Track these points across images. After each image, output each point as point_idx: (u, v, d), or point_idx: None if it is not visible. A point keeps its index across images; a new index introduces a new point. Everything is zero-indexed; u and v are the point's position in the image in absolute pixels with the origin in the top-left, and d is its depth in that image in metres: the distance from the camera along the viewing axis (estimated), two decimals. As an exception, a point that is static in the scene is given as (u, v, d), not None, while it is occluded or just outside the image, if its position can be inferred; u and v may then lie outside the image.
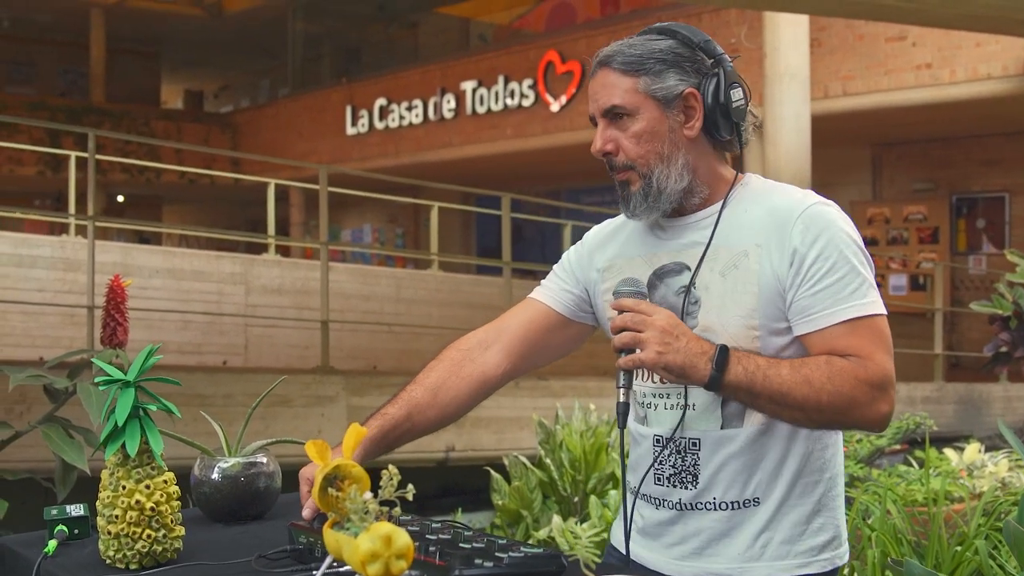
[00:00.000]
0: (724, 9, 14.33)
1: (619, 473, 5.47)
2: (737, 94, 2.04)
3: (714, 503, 2.06)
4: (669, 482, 2.10)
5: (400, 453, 2.12)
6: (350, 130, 20.32)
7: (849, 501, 4.76)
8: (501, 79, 17.49)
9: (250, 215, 25.27)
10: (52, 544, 2.04)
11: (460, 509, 6.65)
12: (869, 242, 16.44)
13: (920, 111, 13.76)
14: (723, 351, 1.93)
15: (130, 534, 1.91)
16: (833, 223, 2.00)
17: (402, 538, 1.41)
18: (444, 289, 12.97)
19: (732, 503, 2.05)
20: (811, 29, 12.86)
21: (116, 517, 1.91)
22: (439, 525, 1.90)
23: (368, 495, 1.52)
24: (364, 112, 20.03)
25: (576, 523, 5.34)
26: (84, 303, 7.55)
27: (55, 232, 14.14)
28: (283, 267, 11.97)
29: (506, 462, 6.09)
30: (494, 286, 11.86)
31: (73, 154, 12.54)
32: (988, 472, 5.51)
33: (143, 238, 21.46)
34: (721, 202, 2.08)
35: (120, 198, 25.24)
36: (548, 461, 5.82)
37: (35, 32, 25.27)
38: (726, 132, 2.06)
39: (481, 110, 17.77)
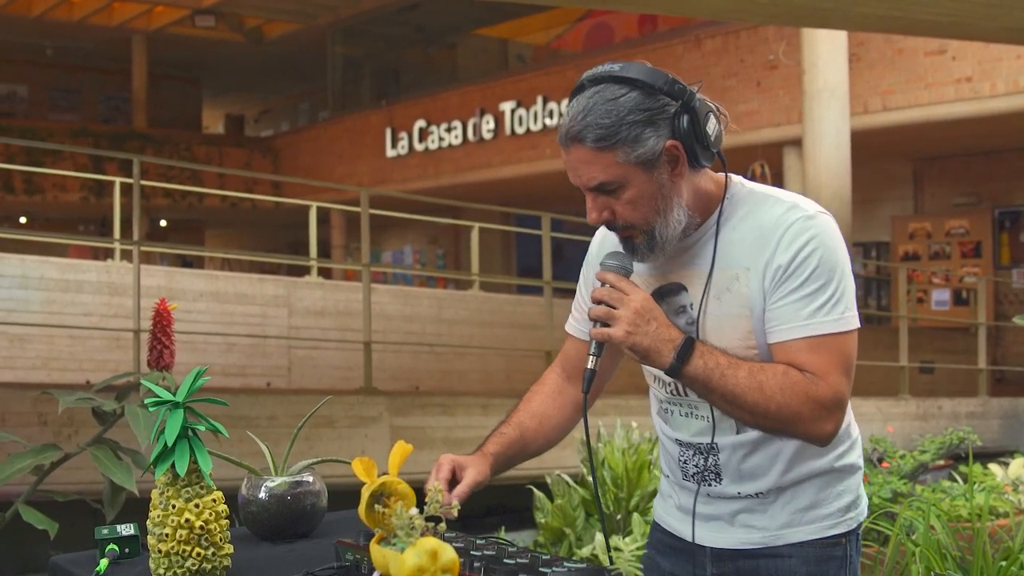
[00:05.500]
0: (762, 26, 14.32)
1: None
2: (712, 124, 2.01)
3: (739, 495, 2.16)
4: (694, 479, 2.21)
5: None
6: (390, 152, 20.43)
7: (892, 516, 4.73)
8: (540, 99, 17.53)
9: (292, 238, 25.44)
10: (103, 563, 2.07)
11: (503, 528, 6.66)
12: (911, 257, 16.50)
13: (961, 125, 13.68)
14: (688, 343, 1.98)
15: (180, 552, 1.94)
16: (814, 236, 2.01)
17: (448, 553, 1.44)
18: (485, 309, 13.00)
19: (757, 494, 2.15)
20: (850, 44, 12.84)
21: (166, 535, 1.94)
22: (483, 542, 1.93)
23: (414, 511, 1.54)
24: (404, 134, 20.13)
25: (620, 540, 5.34)
26: (130, 327, 7.62)
27: (99, 257, 14.28)
28: (325, 289, 12.03)
29: (548, 480, 6.10)
30: (535, 305, 11.86)
31: (118, 180, 12.66)
32: (1034, 487, 5.47)
33: (186, 262, 21.64)
34: (716, 222, 2.09)
35: (163, 223, 25.47)
36: (591, 479, 5.82)
37: (78, 59, 25.60)
38: (708, 160, 2.05)
39: (520, 130, 17.81)
